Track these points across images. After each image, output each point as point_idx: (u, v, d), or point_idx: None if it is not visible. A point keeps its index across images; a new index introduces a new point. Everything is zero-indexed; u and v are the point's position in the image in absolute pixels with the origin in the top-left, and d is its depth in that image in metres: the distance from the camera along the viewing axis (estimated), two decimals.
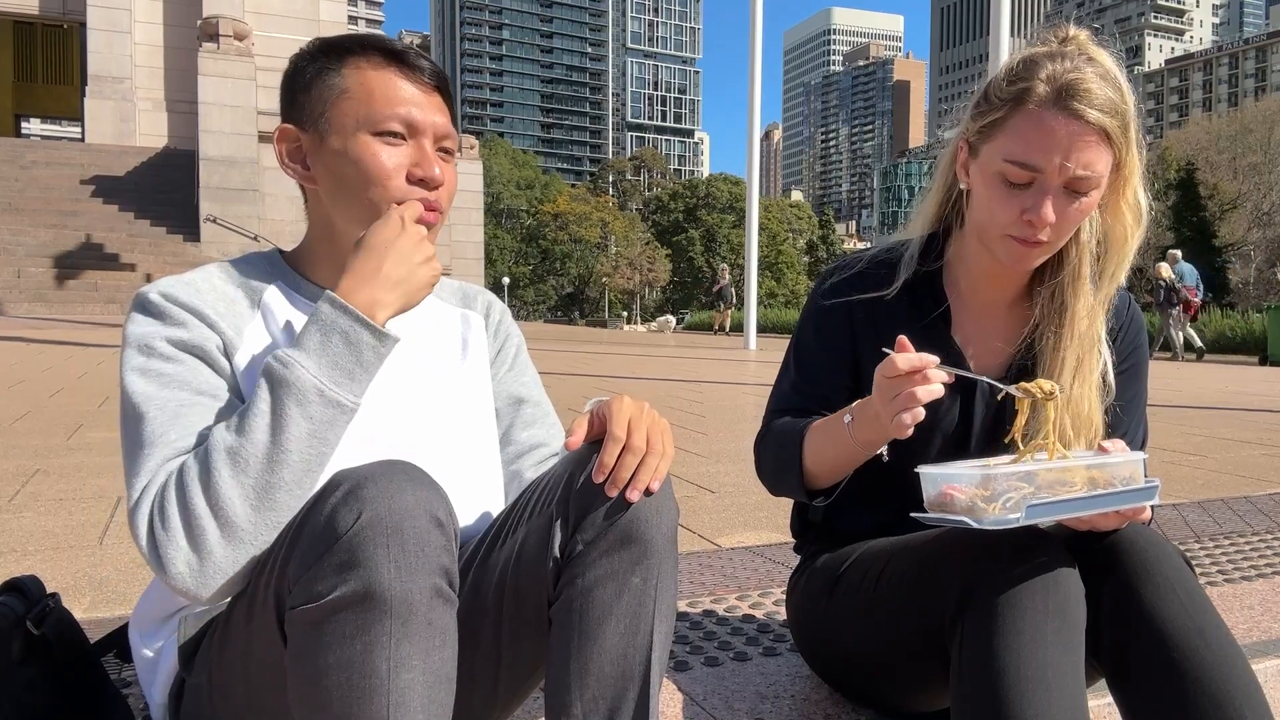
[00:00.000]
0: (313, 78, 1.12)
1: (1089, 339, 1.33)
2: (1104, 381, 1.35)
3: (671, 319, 30.89)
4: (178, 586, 0.93)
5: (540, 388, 1.35)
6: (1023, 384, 1.19)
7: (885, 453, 1.25)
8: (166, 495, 0.94)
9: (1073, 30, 1.29)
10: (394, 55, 1.12)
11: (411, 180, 1.11)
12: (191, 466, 0.94)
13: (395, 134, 1.10)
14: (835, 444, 1.28)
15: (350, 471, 0.91)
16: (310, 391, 0.96)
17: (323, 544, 0.87)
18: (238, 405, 1.04)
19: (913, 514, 1.14)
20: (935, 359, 1.11)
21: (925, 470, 1.12)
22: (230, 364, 1.07)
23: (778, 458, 1.37)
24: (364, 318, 0.99)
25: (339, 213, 1.13)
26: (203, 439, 0.98)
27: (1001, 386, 1.20)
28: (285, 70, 1.16)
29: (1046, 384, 1.18)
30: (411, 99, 1.11)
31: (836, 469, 1.32)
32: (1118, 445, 1.18)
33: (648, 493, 1.00)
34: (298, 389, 0.95)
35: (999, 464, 1.12)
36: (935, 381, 1.11)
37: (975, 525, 1.06)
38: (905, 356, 1.11)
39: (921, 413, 1.11)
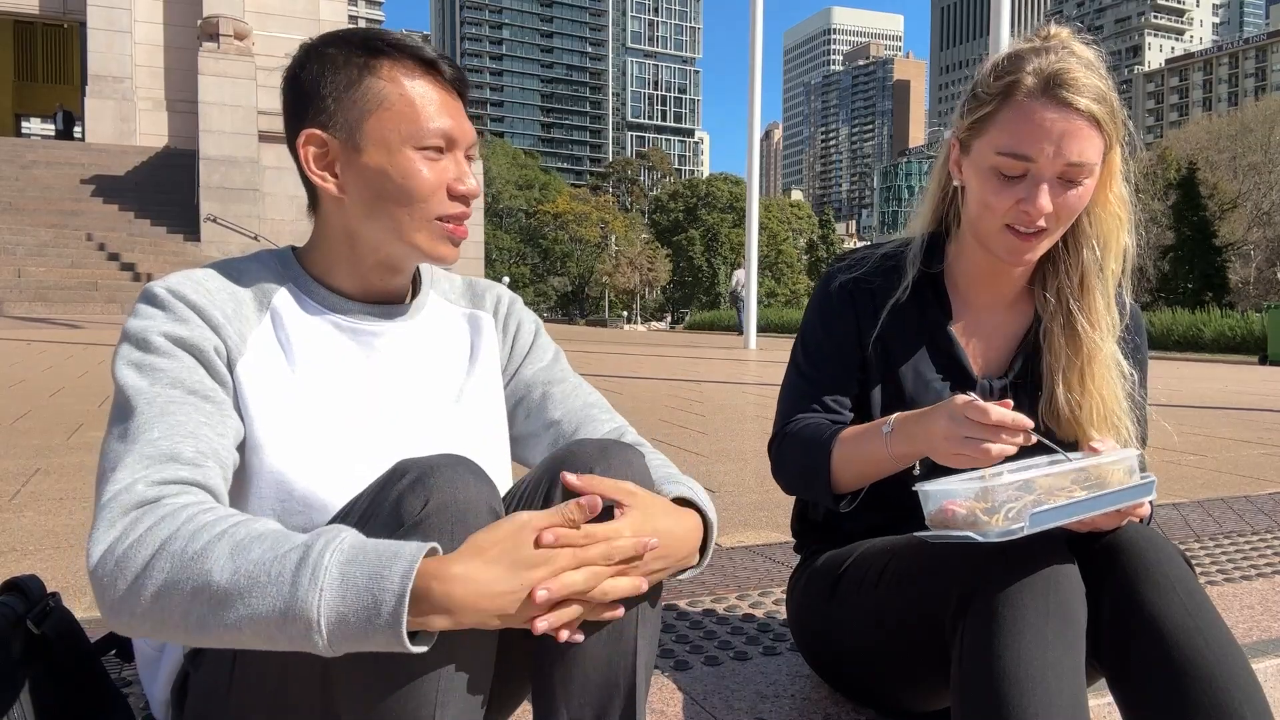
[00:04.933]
0: (345, 83, 1.08)
1: (1098, 337, 1.34)
2: (1122, 373, 1.35)
3: None
4: (98, 598, 0.89)
5: (564, 364, 1.32)
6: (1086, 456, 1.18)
7: (918, 466, 1.26)
8: (143, 542, 0.87)
9: (1054, 29, 1.31)
10: (427, 63, 1.10)
11: (453, 195, 1.10)
12: (182, 550, 0.86)
13: (437, 148, 1.09)
14: (868, 453, 1.29)
15: (415, 461, 0.94)
16: (308, 629, 0.84)
17: (387, 529, 0.90)
18: (228, 407, 1.03)
19: (917, 534, 1.15)
20: (1030, 424, 1.12)
21: (924, 488, 1.13)
22: (232, 372, 1.05)
23: (804, 462, 1.37)
24: (403, 637, 0.83)
25: (372, 224, 1.10)
26: (183, 437, 0.96)
27: (1068, 457, 1.18)
28: (294, 66, 1.11)
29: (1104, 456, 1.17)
30: (449, 111, 1.10)
31: (864, 476, 1.33)
32: (1108, 444, 1.19)
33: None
34: (303, 623, 0.84)
35: (994, 474, 1.12)
36: (1013, 446, 1.12)
37: (981, 539, 1.06)
38: (1002, 413, 1.11)
39: (982, 461, 1.12)
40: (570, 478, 0.97)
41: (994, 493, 1.07)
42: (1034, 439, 1.12)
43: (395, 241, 1.10)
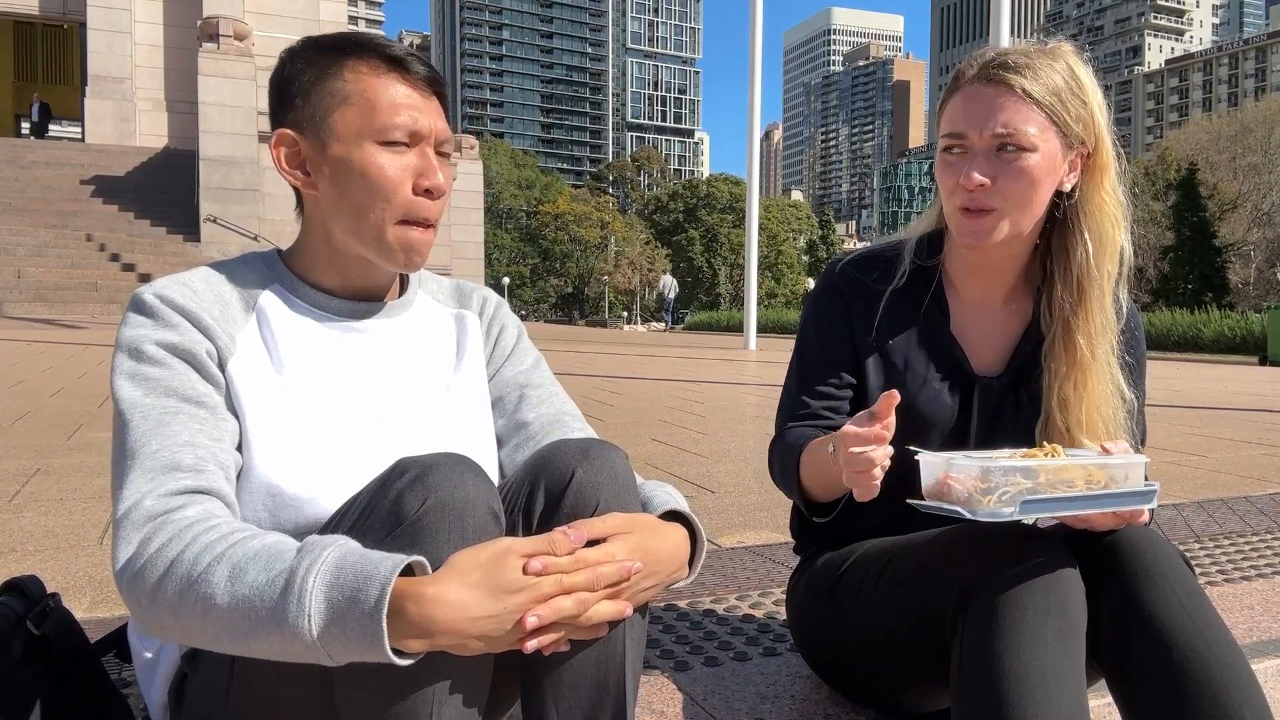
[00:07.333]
0: (311, 82, 1.10)
1: (1090, 349, 1.33)
2: (1120, 388, 1.35)
3: None
4: (127, 602, 0.94)
5: (543, 370, 1.34)
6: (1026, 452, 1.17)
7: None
8: (155, 560, 0.91)
9: (1059, 41, 1.34)
10: (393, 60, 1.10)
11: (417, 191, 1.10)
12: (189, 564, 0.90)
13: (399, 142, 1.09)
14: (824, 468, 1.27)
15: (415, 459, 0.95)
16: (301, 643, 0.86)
17: (386, 527, 0.91)
18: (223, 410, 1.04)
19: (909, 500, 1.14)
20: (895, 397, 1.07)
21: (925, 457, 1.12)
22: (224, 371, 1.06)
23: (783, 471, 1.39)
24: (387, 651, 0.84)
25: (338, 222, 1.11)
26: (181, 446, 0.98)
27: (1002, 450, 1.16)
28: (275, 70, 1.14)
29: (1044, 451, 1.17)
30: (414, 105, 1.10)
31: (829, 489, 1.32)
32: (1120, 446, 1.18)
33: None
34: (294, 635, 0.86)
35: (1001, 457, 1.12)
36: (885, 445, 1.07)
37: (969, 515, 1.06)
38: (864, 431, 1.07)
39: (875, 489, 1.08)
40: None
41: (993, 474, 1.06)
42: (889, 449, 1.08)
43: (358, 242, 1.11)
